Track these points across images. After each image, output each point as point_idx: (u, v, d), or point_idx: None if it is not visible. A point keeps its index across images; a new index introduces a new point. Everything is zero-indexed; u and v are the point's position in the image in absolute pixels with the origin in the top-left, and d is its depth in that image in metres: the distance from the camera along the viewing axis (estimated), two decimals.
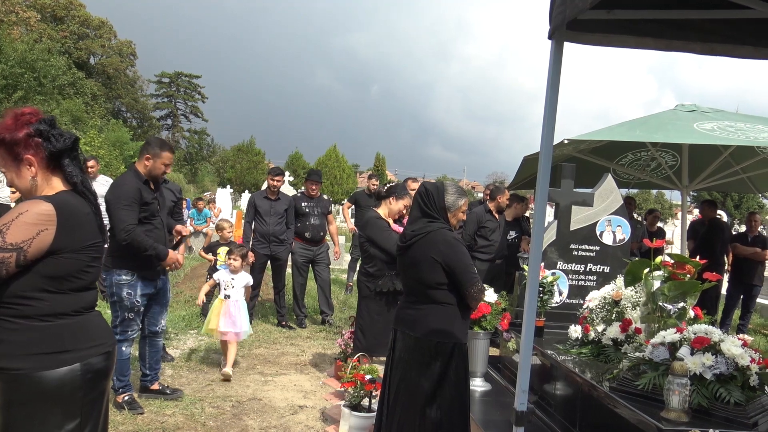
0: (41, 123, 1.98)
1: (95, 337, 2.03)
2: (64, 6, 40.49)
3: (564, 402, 3.78)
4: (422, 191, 3.21)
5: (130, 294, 4.16)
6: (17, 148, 1.94)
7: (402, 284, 3.41)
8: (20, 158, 1.95)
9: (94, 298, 2.11)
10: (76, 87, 32.72)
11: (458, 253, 3.05)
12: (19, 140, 1.94)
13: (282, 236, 7.01)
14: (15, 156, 1.95)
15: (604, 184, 5.11)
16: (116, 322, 4.17)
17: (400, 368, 3.11)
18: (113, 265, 4.14)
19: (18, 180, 1.99)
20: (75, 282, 1.97)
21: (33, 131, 1.95)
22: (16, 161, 1.96)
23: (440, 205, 3.14)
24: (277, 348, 6.30)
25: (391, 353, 3.21)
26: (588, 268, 5.09)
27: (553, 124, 2.32)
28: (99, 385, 2.02)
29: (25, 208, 1.88)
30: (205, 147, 57.01)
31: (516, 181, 8.23)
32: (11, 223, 1.85)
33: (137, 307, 4.21)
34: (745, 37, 2.37)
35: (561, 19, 2.09)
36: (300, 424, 4.30)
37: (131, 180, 4.19)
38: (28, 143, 1.95)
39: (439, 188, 3.20)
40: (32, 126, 1.95)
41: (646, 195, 44.79)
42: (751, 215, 8.66)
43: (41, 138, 1.96)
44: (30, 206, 1.89)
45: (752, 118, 5.93)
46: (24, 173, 1.97)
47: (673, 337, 3.02)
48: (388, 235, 4.75)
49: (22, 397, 1.85)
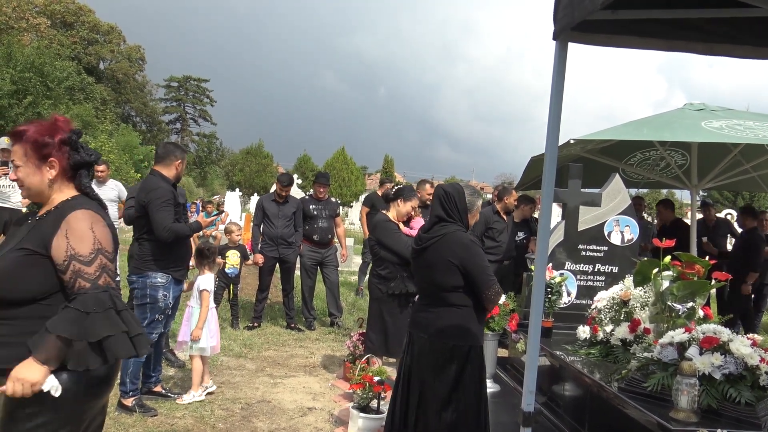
0: (73, 134, 2.09)
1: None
2: (73, 12, 40.84)
3: (573, 403, 3.77)
4: (441, 194, 3.19)
5: (165, 296, 4.28)
6: (47, 149, 2.03)
7: (417, 287, 3.41)
8: (46, 159, 2.04)
9: None
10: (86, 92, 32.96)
11: (475, 256, 3.03)
12: (51, 143, 2.03)
13: (290, 239, 7.03)
14: (41, 156, 2.03)
15: (612, 184, 5.10)
16: (143, 324, 4.21)
17: (416, 371, 3.11)
18: (148, 268, 4.24)
19: (32, 177, 2.05)
20: None
21: (66, 138, 2.06)
22: (41, 161, 2.04)
23: (462, 207, 3.13)
24: (286, 350, 6.32)
25: (405, 356, 3.21)
26: (596, 268, 5.08)
27: (558, 125, 2.32)
28: (101, 393, 2.03)
29: (86, 222, 1.99)
30: (214, 150, 57.31)
31: (523, 182, 8.21)
32: (96, 238, 1.97)
33: (169, 309, 4.34)
34: (745, 36, 2.37)
35: (568, 21, 2.09)
36: (309, 426, 4.31)
37: (162, 183, 4.31)
38: (60, 148, 2.05)
39: (459, 190, 3.19)
40: (66, 134, 2.06)
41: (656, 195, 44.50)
42: (762, 213, 8.59)
43: (70, 147, 2.07)
44: (83, 218, 1.99)
45: (762, 116, 5.88)
46: (43, 174, 2.05)
47: (682, 337, 3.01)
48: (398, 237, 4.76)
49: (25, 400, 1.86)
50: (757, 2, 2.01)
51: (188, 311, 4.65)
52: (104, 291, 1.90)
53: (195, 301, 4.64)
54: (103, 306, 1.87)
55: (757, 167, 7.19)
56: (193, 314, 4.60)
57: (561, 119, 2.33)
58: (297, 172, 35.63)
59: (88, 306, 1.86)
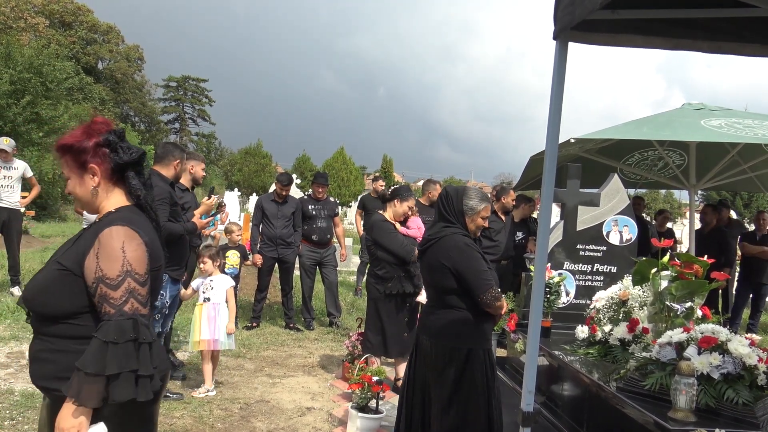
0: (111, 134, 1.94)
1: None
2: (72, 12, 40.78)
3: (571, 402, 3.77)
4: (443, 194, 3.18)
5: (162, 295, 4.30)
6: (84, 156, 1.90)
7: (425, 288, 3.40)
8: (85, 167, 1.91)
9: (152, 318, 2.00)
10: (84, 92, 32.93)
11: (468, 259, 2.98)
12: (87, 148, 1.90)
13: (289, 239, 7.03)
14: (81, 164, 1.91)
15: (611, 184, 5.10)
16: None
17: (420, 373, 3.11)
18: None
19: (79, 188, 1.95)
20: None
21: (102, 141, 1.91)
22: (81, 169, 1.92)
23: (458, 209, 3.10)
24: (285, 350, 6.32)
25: (412, 357, 3.21)
26: (595, 268, 5.08)
27: (558, 125, 2.33)
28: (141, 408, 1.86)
29: (118, 241, 1.80)
30: (213, 150, 57.24)
31: (523, 182, 8.21)
32: (126, 259, 1.79)
33: (166, 308, 4.35)
34: (752, 35, 2.37)
35: (569, 20, 2.09)
36: (308, 426, 4.31)
37: (160, 182, 4.34)
38: (95, 152, 1.91)
39: (459, 192, 3.16)
40: (102, 136, 1.92)
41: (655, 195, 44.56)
42: (760, 214, 8.61)
43: (109, 149, 1.92)
44: (116, 236, 1.81)
45: (761, 116, 5.89)
46: (87, 182, 1.93)
47: (680, 337, 3.01)
48: (394, 237, 4.77)
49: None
50: (757, 2, 2.02)
51: (209, 310, 4.73)
52: (129, 318, 1.74)
53: (216, 299, 4.79)
54: (124, 336, 1.71)
55: (755, 168, 7.21)
56: (220, 312, 4.77)
57: (561, 119, 2.33)
58: (296, 172, 35.61)
59: (108, 335, 1.71)
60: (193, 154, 5.39)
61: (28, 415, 4.01)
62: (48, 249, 12.34)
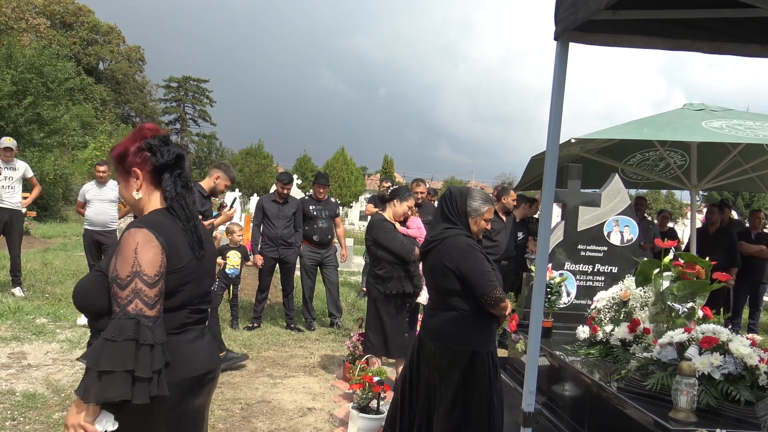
0: (154, 138, 2.00)
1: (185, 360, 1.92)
2: (73, 12, 40.86)
3: (572, 403, 3.77)
4: (446, 194, 3.17)
5: None
6: (128, 159, 1.98)
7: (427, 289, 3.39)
8: (129, 170, 1.99)
9: (190, 319, 1.98)
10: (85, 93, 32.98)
11: (471, 260, 2.96)
12: (130, 152, 1.98)
13: (290, 239, 7.04)
14: (125, 169, 2.00)
15: (612, 184, 5.09)
16: None
17: (425, 374, 3.10)
18: None
19: (126, 192, 2.03)
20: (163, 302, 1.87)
21: (143, 144, 1.98)
22: (126, 173, 2.00)
23: (461, 209, 3.09)
24: (286, 350, 6.32)
25: (414, 357, 3.19)
26: (596, 268, 5.08)
27: (559, 126, 2.33)
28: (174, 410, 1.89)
29: (132, 243, 1.84)
30: (213, 151, 57.24)
31: (523, 182, 8.21)
32: (137, 260, 1.81)
33: None
34: (753, 35, 2.37)
35: (572, 21, 2.08)
36: (309, 426, 4.31)
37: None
38: (137, 155, 1.98)
39: (463, 192, 3.15)
40: (145, 140, 1.98)
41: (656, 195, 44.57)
42: (755, 213, 8.60)
43: (150, 152, 1.98)
44: (131, 238, 1.85)
45: (762, 117, 5.89)
46: (131, 185, 2.00)
47: (681, 337, 3.01)
48: (394, 236, 4.77)
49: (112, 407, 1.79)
50: (757, 2, 2.02)
51: None
52: (130, 318, 1.75)
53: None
54: (122, 335, 1.72)
55: (756, 168, 7.21)
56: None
57: (562, 119, 2.33)
58: (297, 172, 35.60)
59: (109, 332, 1.74)
60: (226, 165, 5.59)
61: (30, 415, 4.02)
62: (49, 250, 12.36)
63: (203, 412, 2.08)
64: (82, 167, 24.98)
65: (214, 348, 2.11)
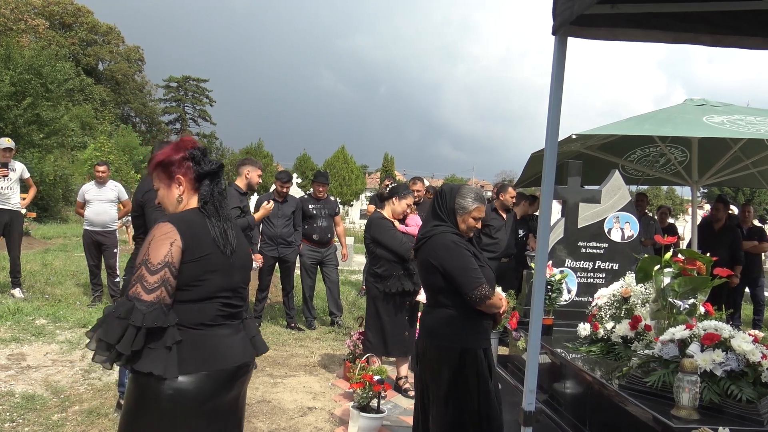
0: (195, 150, 2.21)
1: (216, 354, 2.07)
2: (72, 13, 40.84)
3: (573, 400, 3.75)
4: (439, 192, 3.15)
5: None
6: (172, 167, 2.17)
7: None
8: (173, 177, 2.18)
9: (223, 313, 2.12)
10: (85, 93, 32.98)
11: (455, 257, 2.91)
12: (175, 161, 2.17)
13: (290, 238, 7.02)
14: (169, 175, 2.18)
15: (612, 181, 5.07)
16: None
17: (419, 373, 3.10)
18: None
19: (167, 197, 2.21)
20: (190, 291, 2.04)
21: (187, 155, 2.18)
22: (169, 180, 2.19)
23: (450, 207, 3.05)
24: (287, 350, 6.31)
25: (416, 358, 3.20)
26: (597, 265, 5.06)
27: (558, 121, 2.30)
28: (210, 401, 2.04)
29: (150, 235, 2.06)
30: (214, 150, 57.20)
31: (524, 179, 8.19)
32: (147, 249, 2.02)
33: None
34: (754, 28, 2.35)
35: (568, 15, 2.07)
36: (309, 426, 4.30)
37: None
38: (181, 164, 2.18)
39: (454, 190, 3.11)
40: (188, 151, 2.19)
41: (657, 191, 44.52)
42: (744, 206, 8.53)
43: (193, 162, 2.19)
44: (154, 230, 2.06)
45: (762, 112, 5.86)
46: (173, 191, 2.19)
47: (683, 334, 2.99)
48: (393, 234, 4.75)
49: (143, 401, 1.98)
50: None
51: None
52: (129, 300, 1.96)
53: None
54: (117, 312, 1.94)
55: (757, 163, 7.18)
56: None
57: (561, 115, 2.31)
58: (297, 171, 35.57)
59: (109, 308, 1.99)
60: (250, 159, 5.87)
61: (29, 417, 4.00)
62: (49, 250, 12.34)
63: (239, 404, 2.24)
64: (81, 168, 24.96)
65: (248, 344, 2.26)
